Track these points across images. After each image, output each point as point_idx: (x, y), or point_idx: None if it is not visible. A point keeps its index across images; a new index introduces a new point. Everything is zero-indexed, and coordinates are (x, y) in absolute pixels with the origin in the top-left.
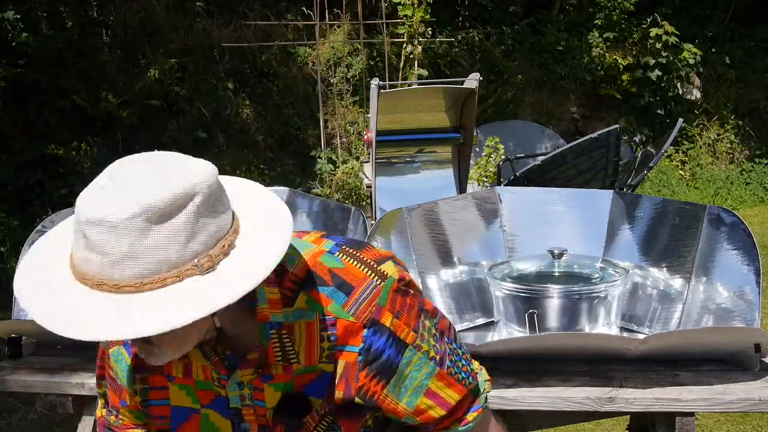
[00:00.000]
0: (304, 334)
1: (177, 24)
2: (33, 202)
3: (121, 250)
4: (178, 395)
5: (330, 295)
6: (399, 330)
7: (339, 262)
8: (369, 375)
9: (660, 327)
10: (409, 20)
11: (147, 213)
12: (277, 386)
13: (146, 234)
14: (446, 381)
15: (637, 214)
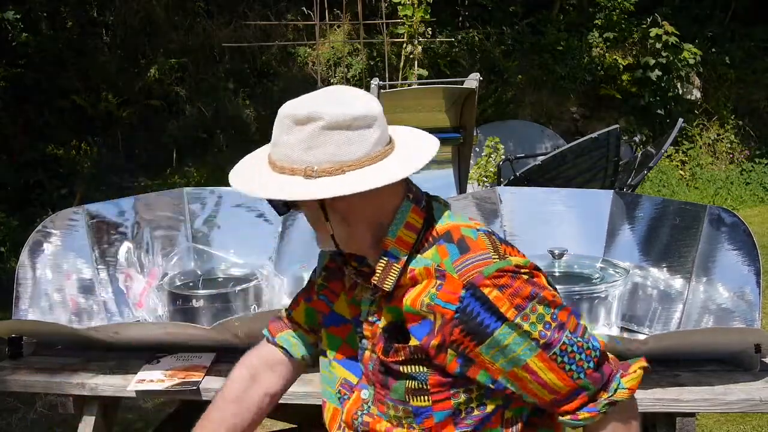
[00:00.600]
0: (423, 278)
1: (177, 24)
2: (33, 202)
3: (274, 136)
4: (341, 304)
5: (449, 250)
6: (499, 303)
7: (474, 235)
8: (463, 333)
9: (660, 327)
10: (409, 20)
11: (290, 117)
12: (391, 309)
13: (288, 132)
14: (548, 365)
15: (637, 214)
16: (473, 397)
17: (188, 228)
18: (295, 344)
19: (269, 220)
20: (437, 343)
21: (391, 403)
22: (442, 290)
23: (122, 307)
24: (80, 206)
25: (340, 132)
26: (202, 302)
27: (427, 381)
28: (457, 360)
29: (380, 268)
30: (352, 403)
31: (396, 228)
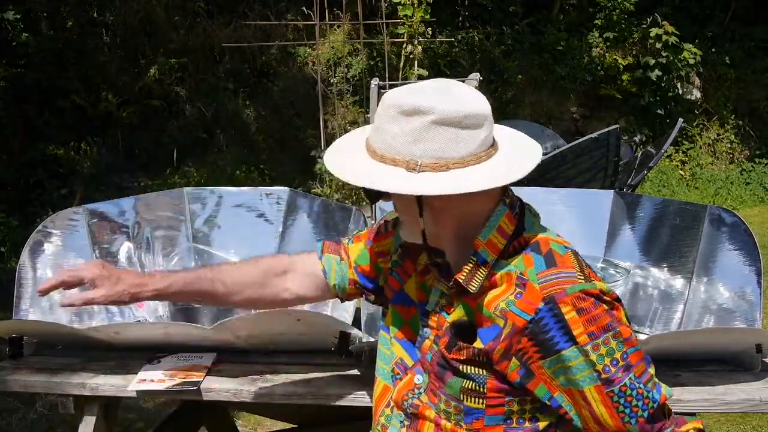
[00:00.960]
0: (503, 283)
1: (177, 24)
2: (33, 202)
3: (378, 124)
4: (411, 286)
5: (535, 261)
6: (574, 325)
7: (563, 251)
8: (530, 343)
9: (661, 327)
10: (409, 20)
11: (396, 107)
12: (464, 306)
13: (393, 121)
14: (603, 399)
15: (637, 215)
16: (527, 409)
17: (188, 228)
18: (335, 271)
19: (269, 220)
20: (503, 350)
21: (444, 397)
22: (521, 299)
23: (122, 307)
24: (80, 206)
25: (449, 129)
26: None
27: (485, 384)
28: (519, 371)
29: (467, 269)
30: (404, 384)
31: (489, 230)
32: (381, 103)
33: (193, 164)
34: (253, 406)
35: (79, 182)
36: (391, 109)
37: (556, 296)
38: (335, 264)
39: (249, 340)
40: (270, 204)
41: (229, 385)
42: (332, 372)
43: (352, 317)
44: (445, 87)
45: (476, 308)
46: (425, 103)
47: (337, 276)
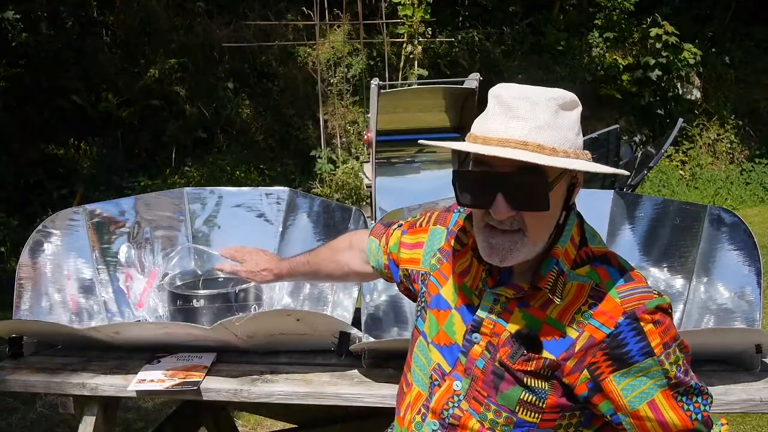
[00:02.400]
0: (572, 293)
1: (177, 24)
2: (33, 202)
3: (542, 119)
4: (448, 289)
5: (611, 274)
6: (652, 337)
7: (630, 267)
8: (605, 356)
9: None
10: (409, 20)
11: (557, 101)
12: (526, 316)
13: (558, 114)
14: (671, 403)
15: (637, 215)
16: (573, 423)
17: (188, 228)
18: (373, 254)
19: (269, 220)
20: (575, 362)
21: (494, 406)
22: (597, 310)
23: (122, 307)
24: (80, 206)
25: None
26: (202, 302)
27: (545, 399)
28: (588, 383)
29: (552, 278)
30: (443, 391)
31: (566, 239)
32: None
33: (193, 164)
34: (253, 406)
35: (79, 182)
36: (551, 103)
37: (637, 311)
38: (374, 247)
39: (249, 340)
40: (270, 204)
41: (229, 385)
42: (332, 372)
43: (351, 317)
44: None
45: (544, 319)
46: (571, 96)
47: (374, 259)
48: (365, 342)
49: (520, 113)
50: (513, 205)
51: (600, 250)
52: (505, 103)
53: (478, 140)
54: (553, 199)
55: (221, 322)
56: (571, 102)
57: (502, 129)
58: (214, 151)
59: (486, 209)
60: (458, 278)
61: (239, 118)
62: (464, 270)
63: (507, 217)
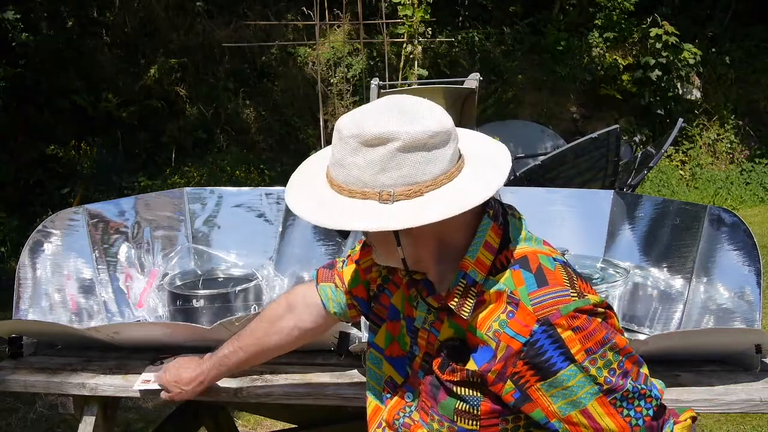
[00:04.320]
0: (492, 302)
1: (177, 24)
2: (33, 202)
3: (338, 158)
4: (398, 298)
5: (525, 279)
6: (571, 344)
7: (552, 266)
8: (527, 366)
9: (660, 327)
10: (409, 20)
11: (357, 138)
12: (453, 325)
13: (354, 153)
14: (607, 410)
15: (637, 214)
16: (521, 425)
17: (188, 228)
18: (331, 299)
19: (269, 220)
20: (497, 372)
21: (437, 417)
22: (513, 319)
23: (122, 307)
24: (80, 206)
25: (417, 153)
26: (202, 302)
27: (478, 407)
28: (514, 394)
29: (459, 292)
30: (394, 403)
31: (476, 248)
32: (336, 133)
33: (193, 164)
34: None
35: (79, 182)
36: (351, 141)
37: (551, 317)
38: (330, 292)
39: None
40: (270, 204)
41: (229, 385)
42: (332, 372)
43: None
44: (401, 106)
45: (467, 328)
46: (386, 129)
47: (336, 305)
48: (365, 342)
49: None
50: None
51: (520, 252)
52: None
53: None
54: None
55: (221, 322)
56: (378, 138)
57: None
58: (214, 151)
59: None
60: (405, 288)
61: (239, 118)
62: (409, 281)
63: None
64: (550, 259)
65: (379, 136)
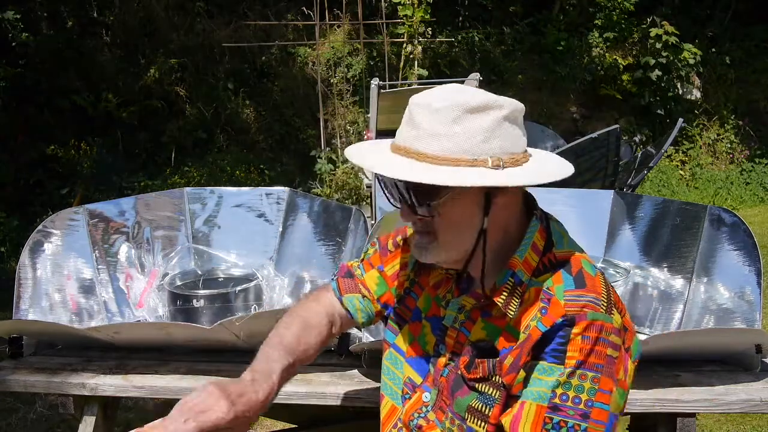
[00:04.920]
0: (532, 301)
1: (177, 24)
2: (33, 202)
3: (430, 130)
4: (423, 300)
5: (564, 279)
6: (572, 348)
7: (593, 272)
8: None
9: (661, 327)
10: (409, 20)
11: (462, 107)
12: (487, 326)
13: (458, 121)
14: (535, 422)
15: (637, 215)
16: None
17: (188, 228)
18: (360, 310)
19: (269, 220)
20: (512, 360)
21: (451, 414)
22: (546, 315)
23: (123, 307)
24: (80, 206)
25: (514, 124)
26: (202, 302)
27: (491, 407)
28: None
29: (507, 290)
30: (412, 403)
31: (525, 248)
32: (422, 108)
33: (193, 164)
34: None
35: (79, 182)
36: (451, 110)
37: (576, 317)
38: (359, 303)
39: (249, 340)
40: (270, 204)
41: None
42: (332, 372)
43: None
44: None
45: (504, 327)
46: (490, 97)
47: (364, 315)
48: (365, 342)
49: (416, 120)
50: (412, 210)
51: (564, 255)
52: (410, 109)
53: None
54: (457, 206)
55: (221, 322)
56: (484, 106)
57: (400, 136)
58: (214, 151)
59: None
60: (432, 290)
61: (239, 118)
62: (438, 282)
63: (411, 221)
64: (593, 266)
65: (486, 103)
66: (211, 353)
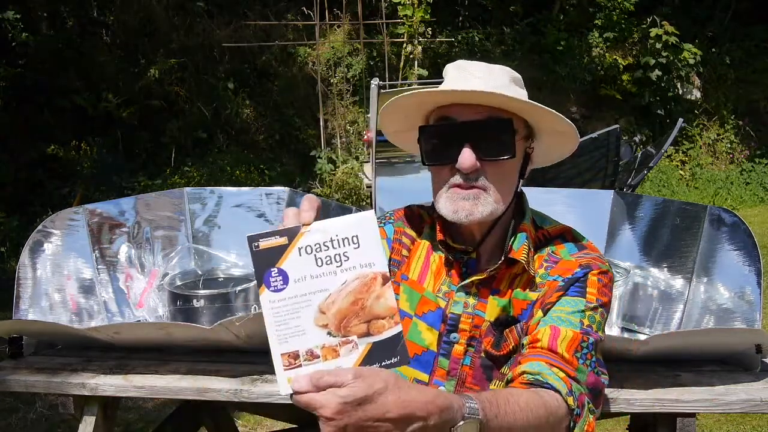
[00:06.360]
0: (535, 270)
1: (177, 24)
2: (33, 202)
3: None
4: (407, 299)
5: (566, 246)
6: (591, 286)
7: (585, 240)
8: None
9: (661, 327)
10: (409, 20)
11: (512, 74)
12: (500, 302)
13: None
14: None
15: (637, 215)
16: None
17: (188, 228)
18: None
19: (269, 220)
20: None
21: None
22: (554, 268)
23: (123, 307)
24: (80, 206)
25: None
26: (202, 302)
27: None
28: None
29: (525, 251)
30: None
31: (529, 214)
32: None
33: (193, 164)
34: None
35: (79, 182)
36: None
37: (592, 264)
38: None
39: (249, 340)
40: (270, 204)
41: (229, 385)
42: None
43: None
44: None
45: (510, 296)
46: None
47: None
48: None
49: (480, 75)
50: (479, 155)
51: (556, 229)
52: (463, 68)
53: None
54: (509, 162)
55: (221, 322)
56: (521, 80)
57: (464, 86)
58: (214, 151)
59: (452, 164)
60: (415, 285)
61: (239, 118)
62: (420, 275)
63: (473, 169)
64: (581, 235)
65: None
66: (211, 353)
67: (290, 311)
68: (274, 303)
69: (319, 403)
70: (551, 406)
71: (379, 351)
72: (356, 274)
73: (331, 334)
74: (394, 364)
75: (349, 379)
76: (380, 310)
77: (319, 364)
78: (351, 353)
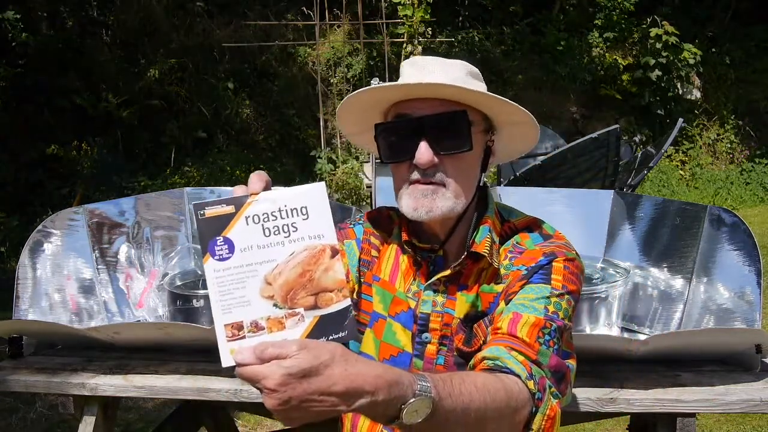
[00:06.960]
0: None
1: (177, 24)
2: (33, 202)
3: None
4: (380, 300)
5: (531, 236)
6: (556, 273)
7: (553, 231)
8: (520, 283)
9: (661, 327)
10: (409, 20)
11: (468, 67)
12: (468, 297)
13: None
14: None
15: (637, 215)
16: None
17: (188, 228)
18: None
19: None
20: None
21: None
22: (518, 258)
23: (122, 307)
24: (80, 206)
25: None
26: (202, 302)
27: None
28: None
29: (488, 244)
30: None
31: (492, 207)
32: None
33: (193, 164)
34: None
35: (79, 182)
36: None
37: (556, 252)
38: None
39: None
40: None
41: (229, 385)
42: None
43: None
44: None
45: (477, 291)
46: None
47: None
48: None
49: (433, 69)
50: (436, 149)
51: (523, 222)
52: (418, 64)
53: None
54: (468, 156)
55: None
56: (479, 74)
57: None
58: (214, 151)
59: (410, 161)
60: (387, 286)
61: (239, 118)
62: (392, 276)
63: (430, 165)
64: (551, 226)
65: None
66: (211, 353)
67: (235, 281)
68: (218, 272)
69: (262, 375)
70: (512, 390)
71: (327, 324)
72: (305, 245)
73: (277, 305)
74: (342, 339)
75: (294, 350)
76: (328, 283)
77: (263, 336)
78: (297, 326)
